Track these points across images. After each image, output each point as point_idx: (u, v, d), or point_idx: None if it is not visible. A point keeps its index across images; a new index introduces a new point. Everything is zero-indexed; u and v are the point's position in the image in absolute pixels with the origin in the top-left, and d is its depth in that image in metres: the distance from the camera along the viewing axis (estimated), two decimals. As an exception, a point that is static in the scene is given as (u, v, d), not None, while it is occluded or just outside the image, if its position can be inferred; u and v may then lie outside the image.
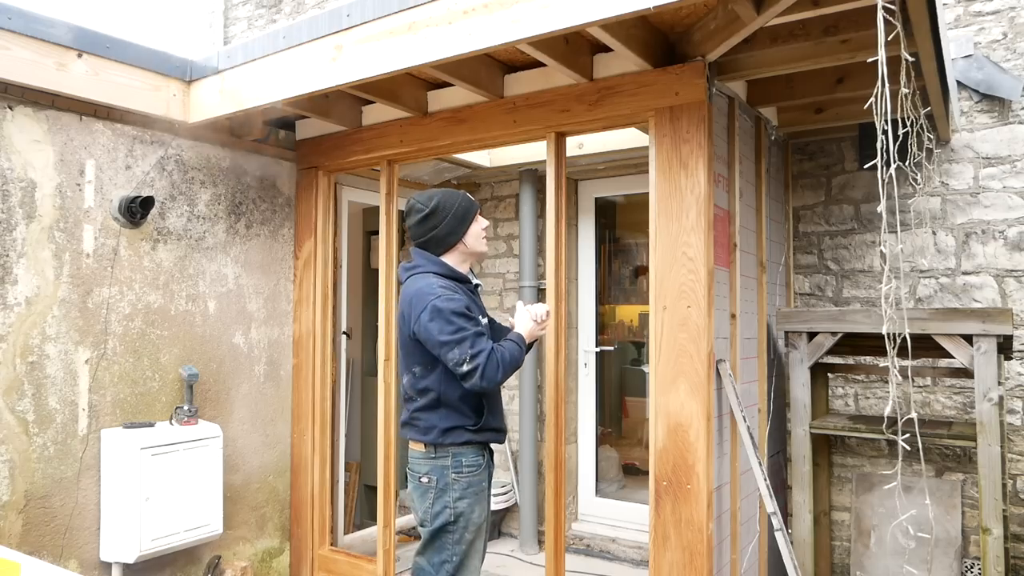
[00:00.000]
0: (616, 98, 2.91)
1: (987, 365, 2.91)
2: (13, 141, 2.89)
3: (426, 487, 2.51)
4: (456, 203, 2.59)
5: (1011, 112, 3.53)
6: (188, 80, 3.32)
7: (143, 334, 3.31)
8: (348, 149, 3.83)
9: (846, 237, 3.91)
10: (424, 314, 2.40)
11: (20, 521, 2.87)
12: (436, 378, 2.49)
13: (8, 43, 2.74)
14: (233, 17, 6.90)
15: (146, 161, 3.35)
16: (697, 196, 2.70)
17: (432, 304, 2.39)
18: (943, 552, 3.35)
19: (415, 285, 2.51)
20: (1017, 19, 3.55)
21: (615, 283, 5.16)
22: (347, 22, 2.71)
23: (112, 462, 3.10)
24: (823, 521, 3.73)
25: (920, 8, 2.30)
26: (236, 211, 3.75)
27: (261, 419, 3.82)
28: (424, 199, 2.58)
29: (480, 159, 4.50)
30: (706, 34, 2.66)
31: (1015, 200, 3.50)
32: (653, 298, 2.81)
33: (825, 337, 3.32)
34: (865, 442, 3.74)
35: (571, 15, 2.18)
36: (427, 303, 2.40)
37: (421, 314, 2.41)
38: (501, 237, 5.01)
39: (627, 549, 4.36)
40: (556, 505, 3.09)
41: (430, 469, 2.50)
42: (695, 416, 2.69)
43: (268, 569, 3.86)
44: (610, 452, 4.99)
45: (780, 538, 2.88)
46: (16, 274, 2.88)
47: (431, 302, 2.40)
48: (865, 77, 2.97)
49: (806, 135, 3.94)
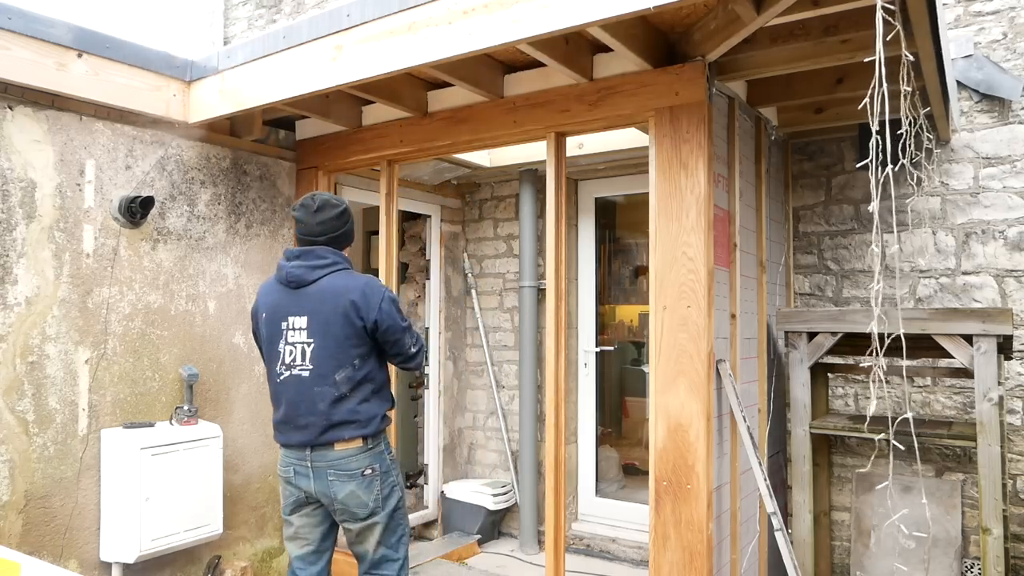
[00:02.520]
0: (616, 98, 2.91)
1: (987, 365, 2.91)
2: (13, 141, 2.89)
3: (371, 478, 2.58)
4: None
5: (1011, 112, 3.53)
6: (188, 80, 3.32)
7: (143, 334, 3.31)
8: (348, 149, 3.83)
9: (846, 237, 3.91)
10: (384, 303, 2.57)
11: (20, 521, 2.87)
12: (373, 366, 2.62)
13: (8, 43, 2.74)
14: (233, 17, 6.90)
15: (146, 161, 3.35)
16: (697, 196, 2.70)
17: (387, 295, 2.61)
18: (943, 552, 3.35)
19: (354, 279, 2.60)
20: (1017, 19, 3.55)
21: (615, 283, 5.16)
22: (347, 22, 2.71)
23: (112, 462, 3.10)
24: (823, 521, 3.73)
25: (920, 8, 2.30)
26: (236, 211, 3.75)
27: (261, 419, 3.82)
28: (334, 197, 2.72)
29: (480, 159, 4.50)
30: (706, 34, 2.66)
31: (1015, 200, 3.50)
32: (653, 298, 2.81)
33: (825, 337, 3.32)
34: (865, 442, 3.74)
35: (571, 15, 2.18)
36: (383, 294, 2.60)
37: (381, 303, 2.57)
38: (501, 237, 5.01)
39: (627, 549, 4.36)
40: (556, 505, 3.09)
41: (371, 460, 2.59)
42: (695, 416, 2.69)
43: (268, 569, 3.85)
44: (610, 452, 4.99)
45: (780, 538, 2.88)
46: (16, 274, 2.88)
47: (385, 293, 2.61)
48: (865, 77, 2.95)
49: (806, 135, 3.94)
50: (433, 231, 4.97)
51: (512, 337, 4.90)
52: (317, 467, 2.56)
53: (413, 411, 5.09)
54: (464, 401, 5.11)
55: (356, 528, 2.61)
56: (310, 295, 2.58)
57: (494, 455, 4.96)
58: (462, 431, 5.11)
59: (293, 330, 2.59)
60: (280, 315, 2.62)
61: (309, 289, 2.58)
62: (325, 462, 2.55)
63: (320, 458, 2.55)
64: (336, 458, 2.54)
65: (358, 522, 2.59)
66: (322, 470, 2.55)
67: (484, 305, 5.05)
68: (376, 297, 2.56)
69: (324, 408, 2.53)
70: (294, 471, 2.61)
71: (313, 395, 2.54)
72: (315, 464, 2.56)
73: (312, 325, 2.56)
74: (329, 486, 2.55)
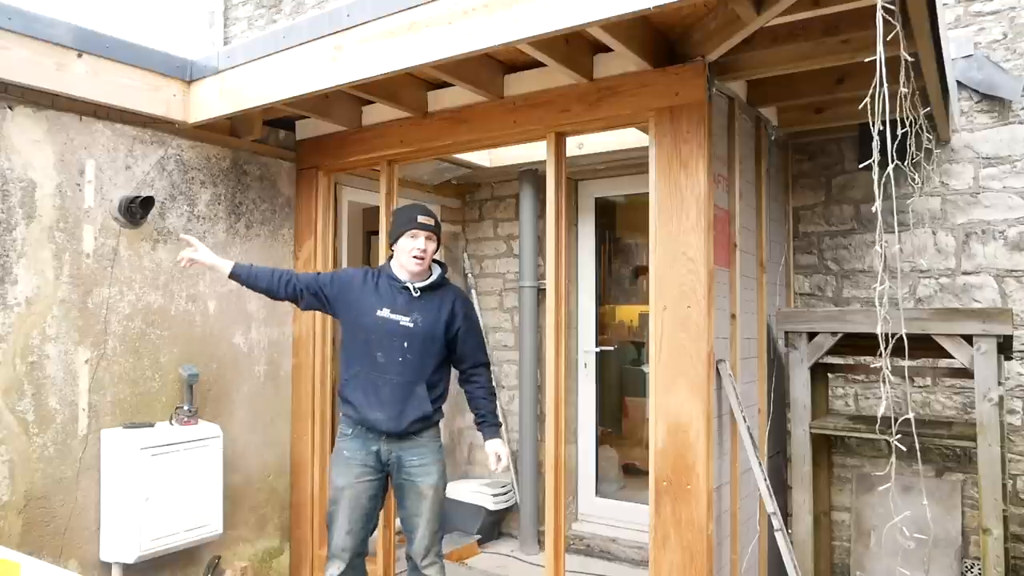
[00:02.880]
0: (616, 98, 2.91)
1: (987, 365, 2.91)
2: (13, 141, 2.89)
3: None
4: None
5: (1011, 112, 3.53)
6: (188, 80, 3.32)
7: (143, 334, 3.31)
8: (348, 149, 3.83)
9: (846, 237, 3.91)
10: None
11: (20, 521, 2.87)
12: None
13: (8, 43, 2.73)
14: (233, 17, 6.90)
15: (146, 161, 3.35)
16: (697, 196, 2.70)
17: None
18: (943, 552, 3.35)
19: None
20: (1017, 19, 3.55)
21: (615, 283, 5.16)
22: (347, 22, 2.71)
23: (112, 462, 3.10)
24: (823, 521, 3.72)
25: (920, 8, 2.30)
26: (236, 211, 3.75)
27: (261, 419, 3.82)
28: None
29: (480, 159, 4.50)
30: (706, 34, 2.66)
31: (1015, 200, 3.50)
32: (653, 298, 2.80)
33: (825, 337, 3.31)
34: (865, 442, 3.73)
35: (571, 15, 2.18)
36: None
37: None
38: (501, 237, 5.01)
39: (627, 549, 4.36)
40: (556, 505, 3.09)
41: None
42: (695, 416, 2.68)
43: (268, 569, 3.85)
44: (610, 452, 4.99)
45: (780, 538, 2.88)
46: (16, 274, 2.88)
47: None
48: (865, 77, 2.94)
49: (806, 135, 3.94)
50: (433, 231, 4.96)
51: (512, 337, 4.90)
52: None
53: (413, 411, 5.09)
54: (464, 401, 5.10)
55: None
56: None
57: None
58: (462, 431, 5.11)
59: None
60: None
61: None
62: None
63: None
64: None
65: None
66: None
67: (484, 305, 5.05)
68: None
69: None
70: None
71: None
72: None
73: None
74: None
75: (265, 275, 2.99)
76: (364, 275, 2.94)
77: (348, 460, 2.87)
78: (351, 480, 2.85)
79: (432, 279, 2.90)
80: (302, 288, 2.96)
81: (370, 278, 2.92)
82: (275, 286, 2.97)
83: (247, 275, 3.00)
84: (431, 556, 2.91)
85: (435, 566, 2.92)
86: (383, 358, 2.80)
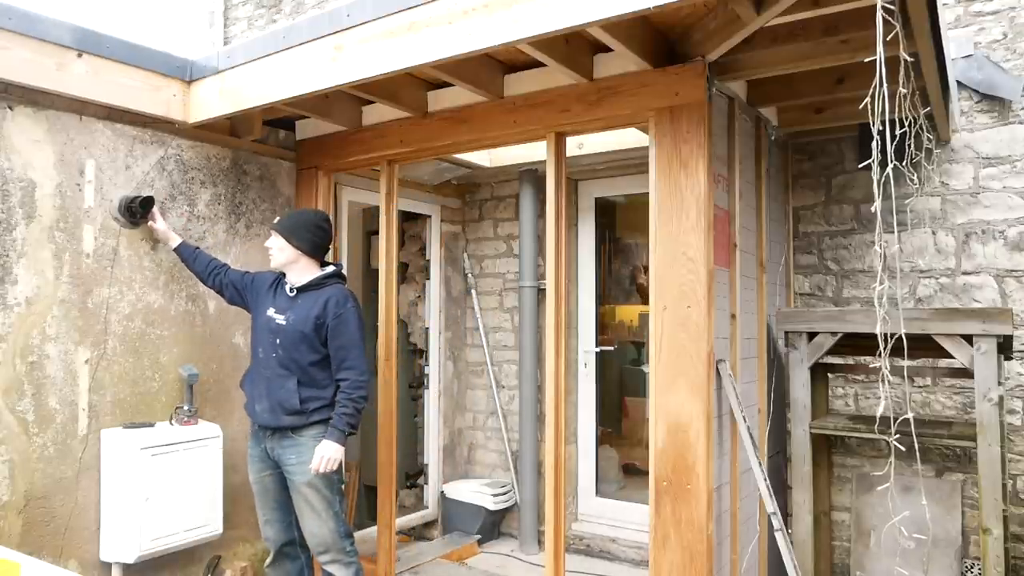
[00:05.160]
0: (616, 98, 2.91)
1: (987, 365, 2.91)
2: (13, 141, 2.89)
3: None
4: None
5: (1011, 112, 3.53)
6: (188, 80, 3.32)
7: (143, 334, 3.31)
8: (348, 149, 3.83)
9: (846, 237, 3.91)
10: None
11: (20, 521, 2.87)
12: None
13: (8, 43, 2.73)
14: (233, 17, 6.90)
15: (146, 161, 3.35)
16: (697, 196, 2.70)
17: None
18: (943, 552, 3.35)
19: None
20: (1017, 19, 3.55)
21: (615, 283, 5.16)
22: (347, 22, 2.71)
23: (112, 462, 3.10)
24: (823, 521, 3.72)
25: (920, 8, 2.30)
26: (236, 211, 3.75)
27: (261, 419, 3.81)
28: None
29: (480, 159, 4.50)
30: (706, 34, 2.66)
31: (1015, 200, 3.50)
32: (653, 298, 2.80)
33: (825, 337, 3.32)
34: (865, 442, 3.74)
35: (571, 15, 2.18)
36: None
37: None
38: (501, 237, 5.01)
39: (627, 549, 4.36)
40: (556, 505, 3.09)
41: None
42: (695, 416, 2.68)
43: (268, 569, 3.85)
44: (610, 452, 4.99)
45: (780, 538, 2.88)
46: (16, 274, 2.88)
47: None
48: (865, 77, 2.95)
49: (806, 135, 3.94)
50: (433, 231, 4.97)
51: (512, 337, 4.90)
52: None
53: (413, 411, 5.09)
54: (464, 401, 5.11)
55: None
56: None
57: (494, 455, 4.96)
58: (462, 431, 5.11)
59: None
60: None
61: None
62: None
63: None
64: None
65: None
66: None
67: (484, 305, 5.05)
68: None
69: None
70: None
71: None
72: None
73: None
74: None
75: (203, 261, 3.27)
76: (275, 279, 3.14)
77: (250, 455, 3.13)
78: (257, 475, 3.10)
79: (309, 279, 3.02)
80: (228, 282, 3.22)
81: (277, 282, 3.12)
82: (205, 273, 3.26)
83: (188, 255, 3.29)
84: (332, 553, 2.98)
85: (337, 564, 2.98)
86: (262, 353, 3.01)
